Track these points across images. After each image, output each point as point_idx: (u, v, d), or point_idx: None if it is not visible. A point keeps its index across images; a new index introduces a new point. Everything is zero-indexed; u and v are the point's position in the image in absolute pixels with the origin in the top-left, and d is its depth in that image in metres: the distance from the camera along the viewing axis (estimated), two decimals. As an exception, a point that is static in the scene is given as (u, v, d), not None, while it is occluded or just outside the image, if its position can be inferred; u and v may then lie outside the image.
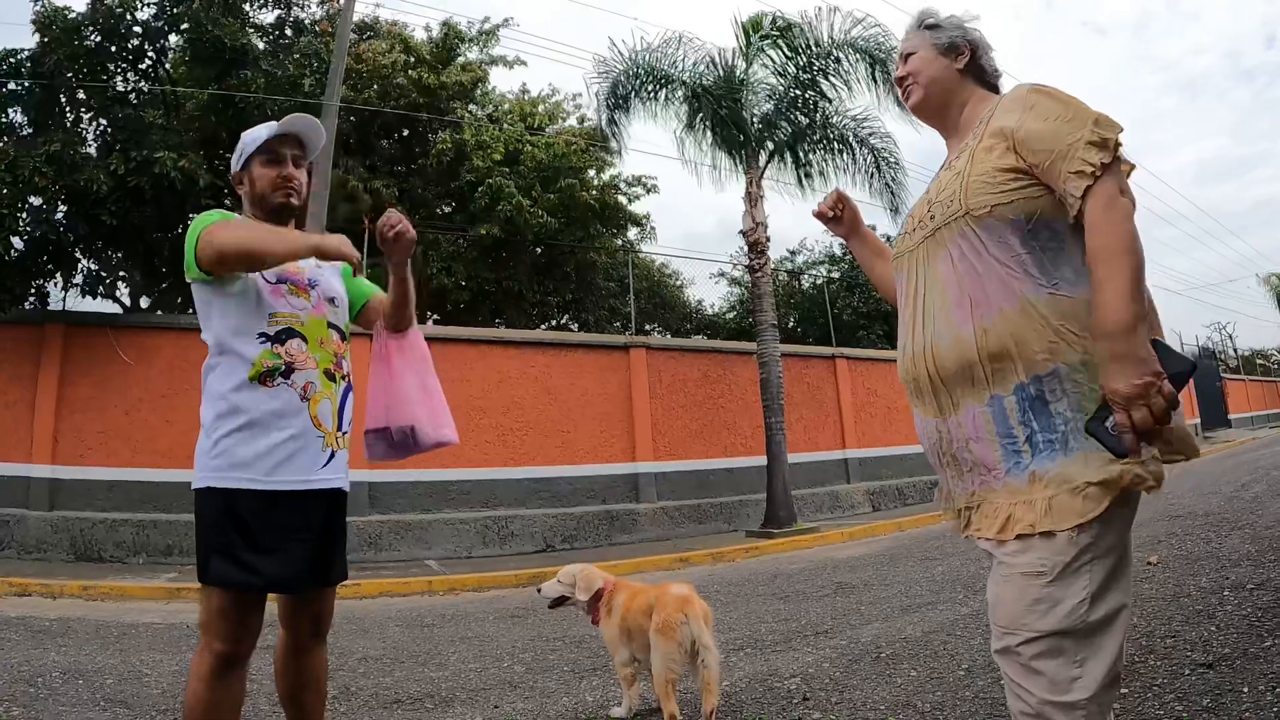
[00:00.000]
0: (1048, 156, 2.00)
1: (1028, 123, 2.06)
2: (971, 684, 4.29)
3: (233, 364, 2.76)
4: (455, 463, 13.57)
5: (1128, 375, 1.80)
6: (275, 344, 2.78)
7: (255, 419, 2.71)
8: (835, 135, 15.69)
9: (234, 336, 2.77)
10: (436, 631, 7.29)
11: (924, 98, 2.46)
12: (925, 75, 2.44)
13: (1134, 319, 1.82)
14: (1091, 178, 1.92)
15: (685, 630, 3.78)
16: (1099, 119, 1.97)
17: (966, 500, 2.21)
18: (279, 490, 2.72)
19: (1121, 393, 1.80)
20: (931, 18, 2.50)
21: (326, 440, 2.85)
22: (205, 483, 2.73)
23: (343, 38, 13.74)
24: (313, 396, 2.82)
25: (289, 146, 3.03)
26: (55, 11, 12.98)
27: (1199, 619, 4.96)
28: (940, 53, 2.43)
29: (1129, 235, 1.89)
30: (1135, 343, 1.82)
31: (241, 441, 2.70)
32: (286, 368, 2.77)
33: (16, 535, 11.61)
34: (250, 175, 3.00)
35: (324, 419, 2.85)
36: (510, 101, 22.66)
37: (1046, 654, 1.92)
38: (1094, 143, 1.94)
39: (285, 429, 2.74)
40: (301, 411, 2.78)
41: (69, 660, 5.99)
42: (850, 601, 7.30)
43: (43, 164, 11.65)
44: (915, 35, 2.51)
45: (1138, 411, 1.79)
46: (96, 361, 12.47)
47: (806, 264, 29.89)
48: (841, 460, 18.30)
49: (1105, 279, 1.87)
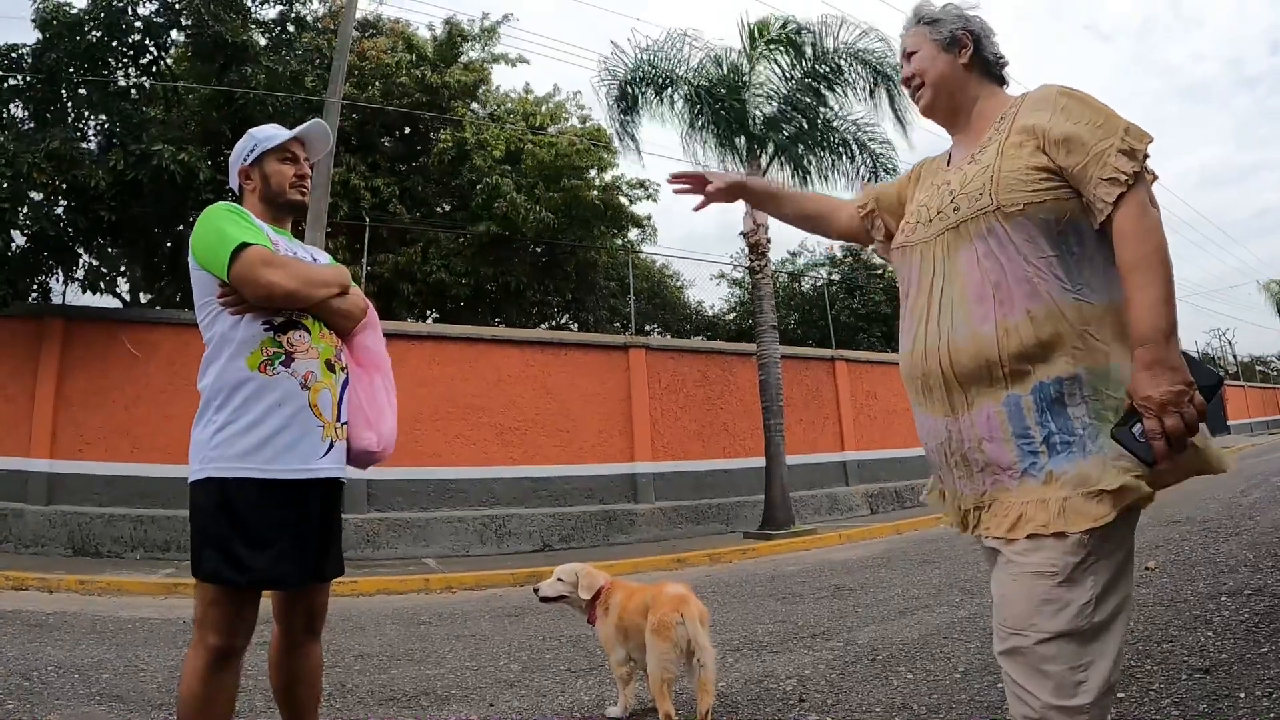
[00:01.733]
0: (1079, 161, 2.00)
1: (1058, 125, 2.05)
2: (968, 687, 4.28)
3: (234, 352, 2.76)
4: (454, 461, 13.62)
5: (1160, 382, 1.81)
6: (278, 333, 2.79)
7: (255, 407, 2.72)
8: (836, 139, 15.69)
9: (234, 326, 2.78)
10: (433, 630, 7.29)
11: (933, 99, 2.42)
12: (931, 75, 2.40)
13: (1169, 327, 1.85)
14: (1125, 186, 1.93)
15: (681, 630, 3.78)
16: (1129, 128, 1.98)
17: (975, 500, 2.18)
18: (279, 479, 2.71)
19: (1155, 399, 1.81)
20: (929, 11, 2.46)
21: (326, 430, 2.85)
22: (204, 474, 2.72)
23: (345, 35, 13.73)
24: (313, 386, 2.82)
25: (299, 148, 3.13)
26: (56, 7, 12.98)
27: (1196, 624, 4.96)
28: (942, 49, 2.38)
29: (1162, 245, 1.91)
30: (1169, 350, 1.84)
31: (241, 431, 2.70)
32: (287, 356, 2.78)
33: (14, 529, 11.61)
34: (263, 171, 3.05)
35: (324, 409, 2.85)
36: (513, 101, 22.67)
37: (1055, 656, 1.91)
38: (1125, 151, 1.94)
39: (285, 417, 2.74)
40: (301, 400, 2.78)
41: (65, 655, 5.98)
42: (847, 604, 7.30)
43: (42, 160, 11.64)
44: (915, 31, 2.47)
45: (1170, 419, 1.80)
46: (96, 356, 12.48)
47: (807, 266, 29.91)
48: (840, 463, 18.34)
49: (1140, 287, 1.89)
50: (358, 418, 3.02)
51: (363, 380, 3.09)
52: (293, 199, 3.08)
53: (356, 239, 16.49)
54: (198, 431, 2.79)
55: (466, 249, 19.20)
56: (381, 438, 3.06)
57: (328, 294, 2.89)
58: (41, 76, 12.82)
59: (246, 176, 3.09)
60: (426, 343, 14.05)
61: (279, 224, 3.08)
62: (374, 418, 3.05)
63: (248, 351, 2.75)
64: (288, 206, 3.10)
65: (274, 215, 3.07)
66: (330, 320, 2.94)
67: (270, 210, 3.06)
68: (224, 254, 2.72)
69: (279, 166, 3.05)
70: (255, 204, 3.07)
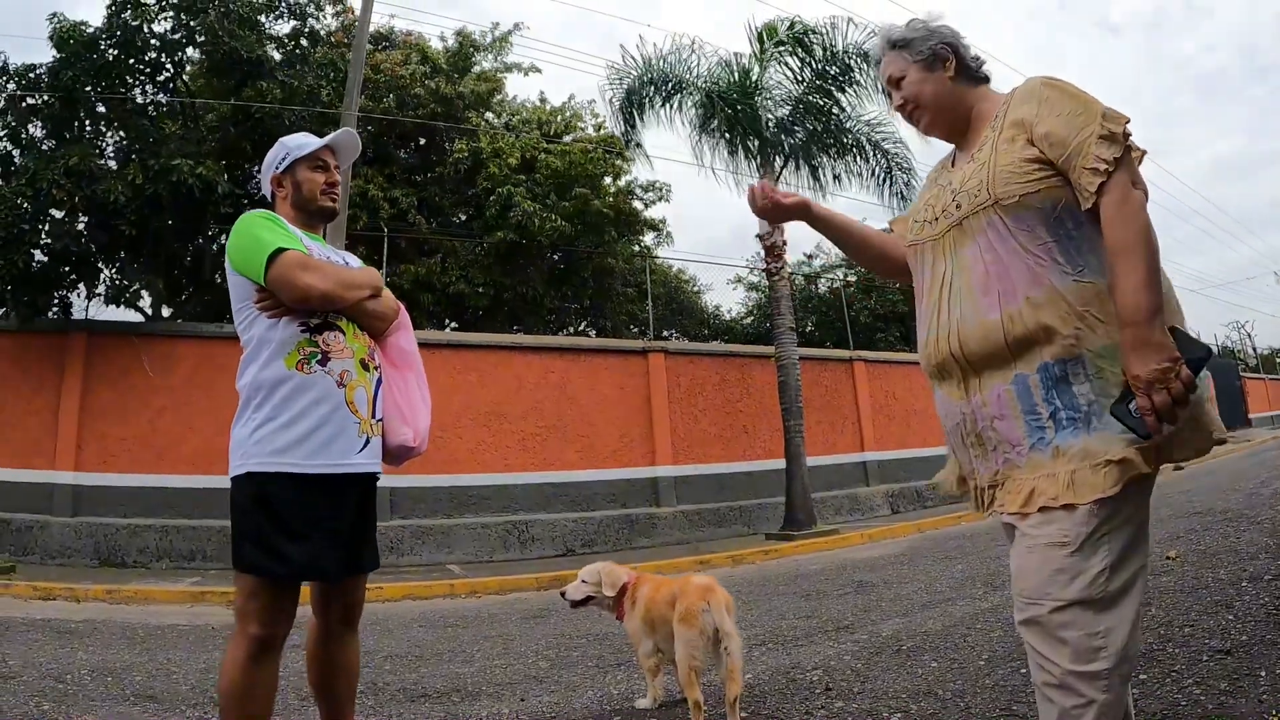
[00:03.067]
0: (1062, 151, 2.07)
1: (1043, 117, 2.13)
2: (992, 673, 4.31)
3: (272, 352, 2.83)
4: (476, 468, 13.69)
5: (1147, 361, 1.89)
6: (314, 334, 2.86)
7: (293, 405, 2.78)
8: (850, 140, 15.69)
9: (271, 329, 2.85)
10: (460, 631, 7.34)
11: (932, 120, 2.47)
12: (925, 98, 2.44)
13: (1153, 308, 1.92)
14: (1105, 174, 1.99)
15: (707, 618, 3.81)
16: (1106, 113, 2.04)
17: (990, 479, 2.25)
18: (318, 474, 2.78)
19: (1143, 378, 1.89)
20: (898, 34, 2.49)
21: (362, 426, 2.92)
22: (244, 469, 2.78)
23: (359, 49, 13.82)
24: (348, 384, 2.89)
25: (330, 156, 3.21)
26: (72, 26, 13.10)
27: (1217, 609, 4.98)
28: (926, 68, 2.42)
29: (1143, 228, 1.97)
30: (1154, 330, 1.91)
31: (281, 427, 2.77)
32: (323, 355, 2.85)
33: (41, 541, 11.74)
34: (295, 179, 3.13)
35: (360, 406, 2.92)
36: (528, 110, 22.74)
37: (1071, 623, 1.96)
38: (1104, 137, 2.01)
39: (322, 414, 2.81)
40: (338, 398, 2.85)
41: (96, 659, 6.07)
42: (870, 599, 7.32)
43: (61, 176, 11.79)
44: (891, 58, 2.50)
45: (1158, 395, 1.87)
46: (119, 369, 12.62)
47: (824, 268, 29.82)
48: (860, 463, 18.29)
49: (1124, 273, 1.95)
50: (394, 414, 3.10)
51: (397, 379, 3.16)
52: (323, 205, 3.16)
53: (375, 250, 16.57)
54: (237, 429, 2.85)
55: (484, 258, 19.27)
56: (418, 433, 3.14)
57: (361, 295, 2.97)
58: (59, 95, 12.94)
59: (279, 184, 3.16)
60: (447, 351, 14.13)
61: (312, 229, 3.16)
62: (409, 414, 3.14)
63: (285, 352, 2.82)
64: (319, 213, 3.18)
65: (306, 221, 3.14)
66: (364, 322, 3.02)
67: (302, 216, 3.14)
68: (260, 259, 2.79)
69: (310, 174, 3.12)
70: (287, 210, 3.14)
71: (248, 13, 14.16)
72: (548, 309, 21.52)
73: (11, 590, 9.45)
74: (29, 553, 11.63)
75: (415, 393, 3.21)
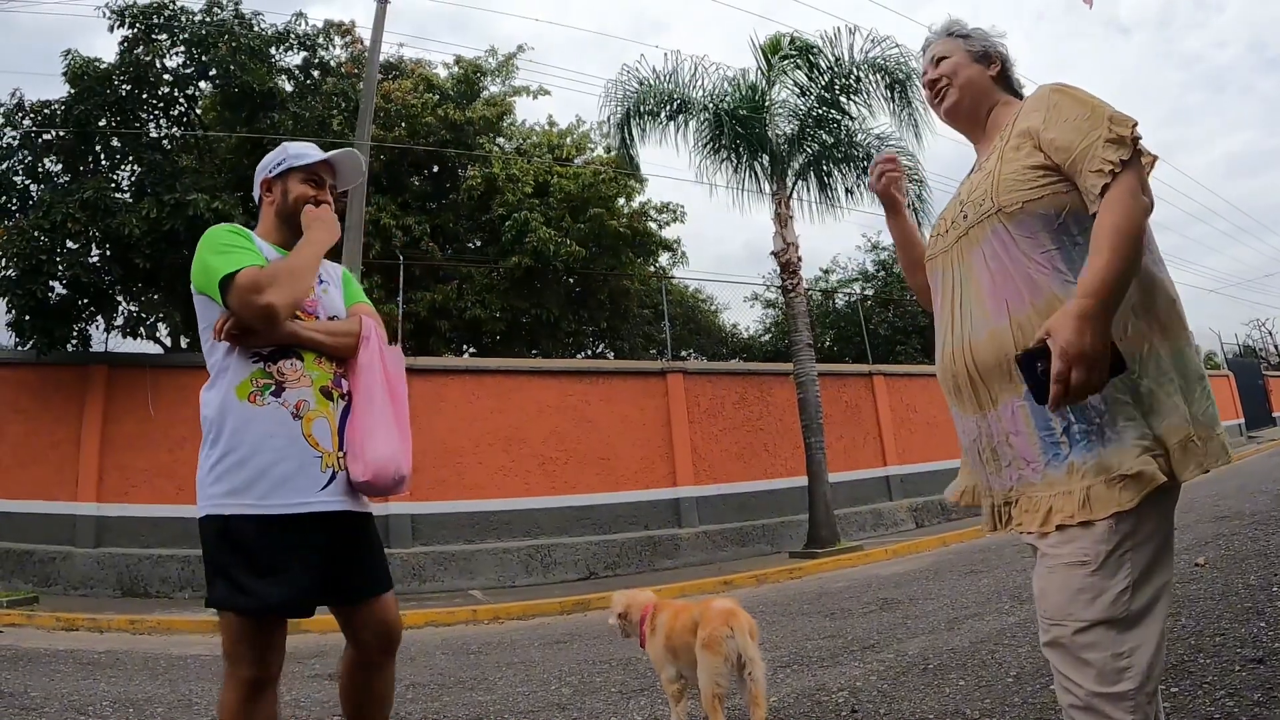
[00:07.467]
0: (1069, 156, 2.05)
1: (1050, 123, 2.12)
2: (1020, 690, 4.25)
3: (228, 382, 2.72)
4: (497, 493, 13.66)
5: (1086, 337, 1.82)
6: (268, 363, 2.74)
7: (244, 439, 2.67)
8: (860, 154, 15.63)
9: (228, 355, 2.74)
10: (482, 658, 7.30)
11: (959, 99, 2.49)
12: (961, 77, 2.48)
13: (1114, 294, 1.87)
14: (1110, 176, 1.96)
15: (731, 644, 3.76)
16: (1114, 116, 2.03)
17: (1004, 495, 2.22)
18: (276, 515, 2.65)
19: (1075, 347, 1.82)
20: (961, 27, 2.56)
21: (325, 460, 2.75)
22: (204, 511, 2.67)
23: (370, 79, 13.93)
24: (305, 415, 2.74)
25: (328, 174, 3.11)
26: (86, 62, 13.29)
27: (1248, 616, 4.91)
28: (975, 59, 2.49)
29: (1137, 224, 1.93)
30: (1104, 314, 1.85)
31: (235, 465, 2.65)
32: (277, 386, 2.73)
33: (63, 571, 11.82)
34: (285, 186, 3.01)
35: (321, 438, 2.75)
36: (538, 134, 22.80)
37: (1094, 644, 1.92)
38: (1111, 140, 1.99)
39: (278, 449, 2.67)
40: (294, 430, 2.71)
41: (118, 690, 6.06)
42: (896, 616, 7.25)
43: (76, 210, 11.90)
44: (946, 41, 2.55)
45: (1079, 370, 1.82)
46: (139, 401, 12.68)
47: (840, 282, 29.82)
48: (883, 478, 18.16)
49: (1102, 250, 1.90)
50: (347, 447, 2.82)
51: (355, 403, 2.88)
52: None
53: (391, 278, 16.62)
54: (199, 468, 2.73)
55: (500, 284, 19.27)
56: (368, 466, 2.78)
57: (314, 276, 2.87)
58: (74, 130, 13.09)
59: (268, 188, 3.05)
60: (465, 376, 14.16)
61: (288, 246, 2.98)
62: (358, 445, 2.80)
63: (238, 381, 2.71)
64: (300, 229, 2.99)
65: (286, 236, 3.01)
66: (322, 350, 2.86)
67: (284, 228, 3.02)
68: (214, 286, 2.69)
69: (301, 186, 3.00)
70: (270, 218, 3.04)
71: (258, 45, 14.34)
72: (565, 332, 21.51)
73: (35, 621, 9.50)
74: (52, 583, 11.71)
75: (370, 417, 2.84)
